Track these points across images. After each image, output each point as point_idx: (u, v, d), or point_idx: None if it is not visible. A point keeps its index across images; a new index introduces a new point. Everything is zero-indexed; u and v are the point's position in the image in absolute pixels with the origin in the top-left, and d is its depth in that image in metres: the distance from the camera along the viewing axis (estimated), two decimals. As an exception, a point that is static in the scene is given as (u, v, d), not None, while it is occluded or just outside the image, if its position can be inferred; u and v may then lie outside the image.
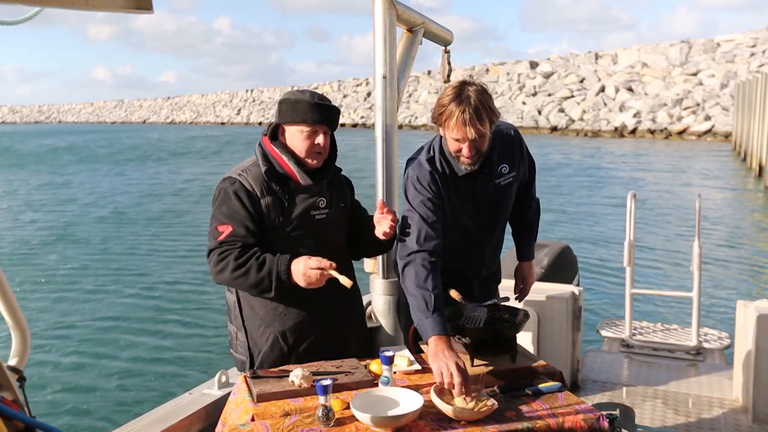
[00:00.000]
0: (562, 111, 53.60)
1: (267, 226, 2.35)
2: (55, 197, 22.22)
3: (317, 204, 2.42)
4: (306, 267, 2.22)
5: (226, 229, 2.32)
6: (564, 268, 5.17)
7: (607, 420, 2.06)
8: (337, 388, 2.13)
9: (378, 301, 3.02)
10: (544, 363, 2.40)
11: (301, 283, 2.24)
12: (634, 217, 4.75)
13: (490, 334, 2.40)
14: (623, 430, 2.73)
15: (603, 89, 53.87)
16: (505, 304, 2.60)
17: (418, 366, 2.36)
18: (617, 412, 2.74)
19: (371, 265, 3.05)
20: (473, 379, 2.12)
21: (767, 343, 3.54)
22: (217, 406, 2.44)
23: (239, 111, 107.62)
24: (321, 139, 2.38)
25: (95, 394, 6.71)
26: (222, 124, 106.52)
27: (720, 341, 4.87)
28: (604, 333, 5.13)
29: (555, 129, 52.06)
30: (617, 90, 52.61)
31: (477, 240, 2.62)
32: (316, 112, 2.35)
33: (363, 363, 2.37)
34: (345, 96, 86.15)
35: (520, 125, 49.71)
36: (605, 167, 27.29)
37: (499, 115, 2.39)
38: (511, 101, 59.21)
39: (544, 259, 5.02)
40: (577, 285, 4.88)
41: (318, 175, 2.44)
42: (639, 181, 21.85)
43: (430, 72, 76.55)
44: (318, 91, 2.46)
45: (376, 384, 2.20)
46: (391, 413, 1.97)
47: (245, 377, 2.25)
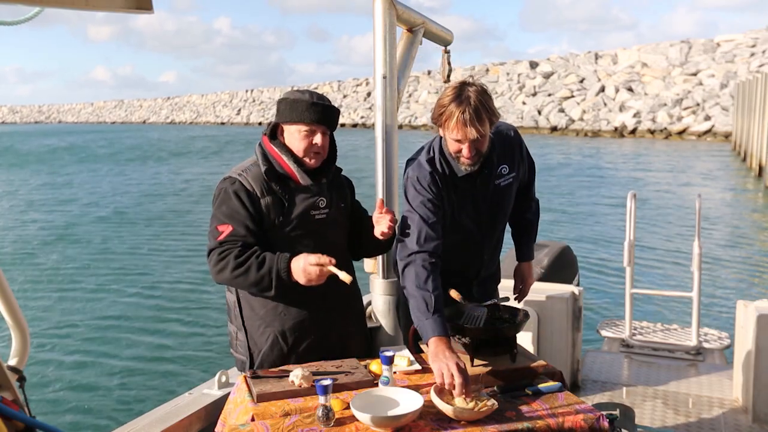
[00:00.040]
0: (562, 111, 53.60)
1: (267, 225, 2.35)
2: (56, 197, 22.22)
3: (317, 204, 2.42)
4: (306, 263, 2.22)
5: (226, 229, 2.32)
6: (564, 268, 5.17)
7: (607, 420, 2.07)
8: (337, 388, 2.13)
9: (378, 301, 3.02)
10: (544, 363, 2.40)
11: (301, 281, 2.23)
12: (634, 217, 4.76)
13: (490, 334, 2.40)
14: (623, 430, 2.73)
15: (603, 89, 53.86)
16: (505, 304, 2.60)
17: (418, 366, 2.36)
18: (617, 412, 2.74)
19: (371, 265, 3.05)
20: (473, 379, 2.12)
21: (767, 343, 3.54)
22: (217, 406, 2.44)
23: (239, 111, 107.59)
24: (319, 139, 2.38)
25: (95, 393, 6.71)
26: (222, 124, 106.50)
27: (720, 341, 4.87)
28: (604, 333, 5.13)
29: (555, 129, 52.05)
30: (617, 90, 52.60)
31: (477, 241, 2.62)
32: (314, 111, 2.35)
33: (363, 363, 2.37)
34: (345, 96, 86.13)
35: (520, 125, 49.70)
36: (605, 167, 27.29)
37: (499, 116, 2.39)
38: (511, 101, 59.19)
39: (544, 259, 5.02)
40: (577, 285, 4.88)
41: (318, 175, 2.44)
42: (639, 181, 21.85)
43: (430, 72, 76.53)
44: (318, 91, 2.45)
45: (376, 384, 2.20)
46: (391, 413, 1.97)
47: (245, 377, 2.25)
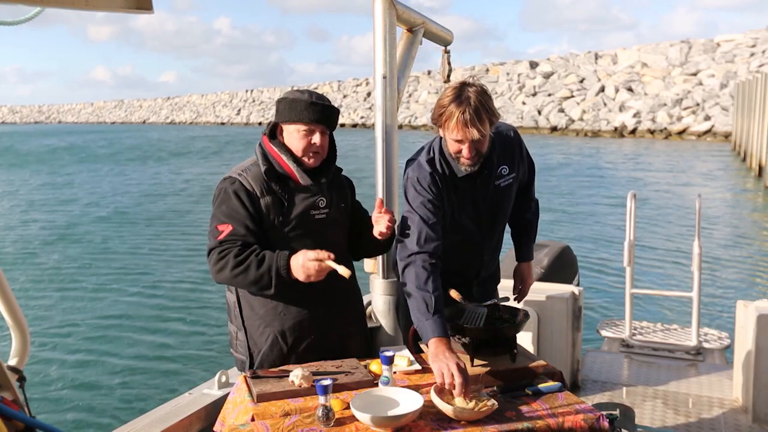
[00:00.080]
0: (562, 111, 53.59)
1: (266, 225, 2.35)
2: (56, 197, 22.22)
3: (317, 204, 2.42)
4: (305, 259, 2.21)
5: (226, 229, 2.32)
6: (564, 268, 5.17)
7: (607, 420, 2.07)
8: (337, 388, 2.13)
9: (378, 301, 3.02)
10: (544, 363, 2.40)
11: (301, 277, 2.23)
12: (634, 217, 4.76)
13: (490, 334, 2.40)
14: (623, 430, 2.73)
15: (603, 89, 53.86)
16: (505, 304, 2.60)
17: (418, 366, 2.36)
18: (617, 412, 2.74)
19: (371, 265, 3.05)
20: (473, 379, 2.12)
21: (767, 343, 3.54)
22: (217, 406, 2.44)
23: (239, 111, 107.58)
24: (318, 139, 2.38)
25: (96, 393, 6.71)
26: (222, 124, 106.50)
27: (720, 341, 4.87)
28: (604, 333, 5.13)
29: (555, 129, 52.04)
30: (617, 90, 52.60)
31: (476, 241, 2.61)
32: (313, 111, 2.35)
33: (363, 363, 2.37)
34: (345, 96, 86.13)
35: (519, 125, 49.70)
36: (605, 167, 27.28)
37: (499, 116, 2.38)
38: (511, 101, 59.19)
39: (544, 259, 5.02)
40: (577, 285, 4.88)
41: (318, 175, 2.44)
42: (639, 181, 21.85)
43: (430, 72, 76.52)
44: (318, 92, 2.45)
45: (376, 384, 2.20)
46: (391, 413, 1.97)
47: (245, 377, 2.25)
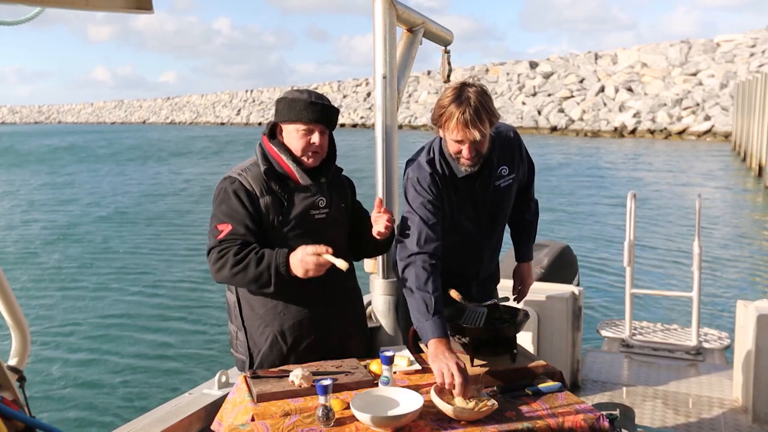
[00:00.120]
0: (561, 111, 53.58)
1: (266, 225, 2.35)
2: (57, 197, 22.23)
3: (317, 203, 2.42)
4: (303, 254, 2.22)
5: (225, 228, 2.33)
6: (564, 268, 5.17)
7: (607, 420, 2.07)
8: (337, 388, 2.13)
9: (378, 301, 3.02)
10: (544, 363, 2.40)
11: (300, 273, 2.23)
12: (634, 217, 4.76)
13: (490, 334, 2.40)
14: (623, 430, 2.73)
15: (603, 89, 53.85)
16: (505, 304, 2.60)
17: (418, 366, 2.36)
18: (617, 412, 2.74)
19: (371, 265, 3.05)
20: (473, 379, 2.12)
21: (767, 343, 3.54)
22: (217, 406, 2.44)
23: (239, 111, 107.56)
24: (317, 138, 2.38)
25: (96, 392, 6.71)
26: (222, 124, 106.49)
27: (720, 341, 4.87)
28: (604, 333, 5.13)
29: (555, 129, 52.03)
30: (617, 90, 52.59)
31: (476, 242, 2.61)
32: (312, 110, 2.35)
33: (363, 363, 2.37)
34: (345, 96, 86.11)
35: (519, 125, 49.71)
36: (605, 167, 27.28)
37: (499, 117, 2.38)
38: (511, 101, 59.18)
39: (544, 259, 5.02)
40: (577, 285, 4.88)
41: (317, 175, 2.44)
42: (639, 181, 21.84)
43: (430, 72, 76.52)
44: (318, 92, 2.45)
45: (376, 384, 2.20)
46: (391, 413, 1.97)
47: (245, 377, 2.25)
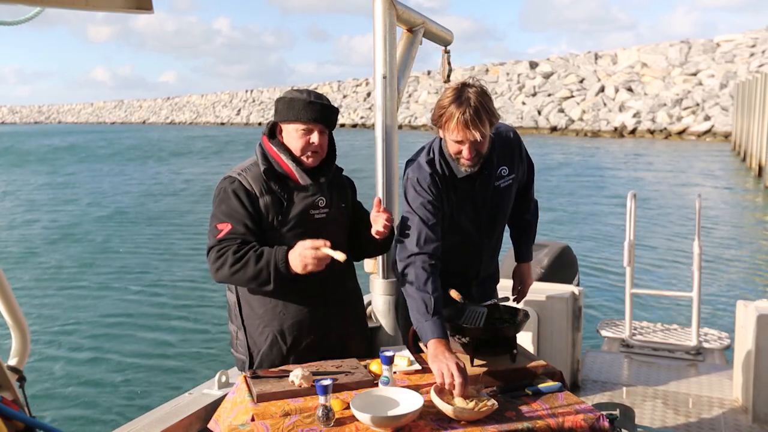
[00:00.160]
0: (561, 111, 53.59)
1: (266, 225, 2.35)
2: (57, 197, 22.24)
3: (316, 203, 2.42)
4: (301, 248, 2.21)
5: (225, 227, 2.32)
6: (564, 268, 5.17)
7: (607, 420, 2.06)
8: (337, 388, 2.13)
9: (378, 301, 3.02)
10: (544, 363, 2.40)
11: (299, 268, 2.22)
12: (634, 217, 4.76)
13: (490, 334, 2.40)
14: (623, 430, 2.73)
15: (603, 89, 53.87)
16: (505, 304, 2.60)
17: (418, 366, 2.36)
18: (617, 412, 2.74)
19: (371, 265, 3.05)
20: (473, 380, 2.12)
21: (767, 343, 3.54)
22: (217, 406, 2.44)
23: (239, 111, 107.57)
24: (316, 138, 2.38)
25: (97, 392, 6.71)
26: (222, 124, 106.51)
27: (720, 341, 4.87)
28: (604, 333, 5.13)
29: (555, 129, 52.04)
30: (617, 90, 52.60)
31: (476, 242, 2.61)
32: (311, 110, 2.35)
33: (363, 363, 2.37)
34: (345, 96, 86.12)
35: (519, 125, 49.73)
36: (605, 167, 27.29)
37: (499, 117, 2.38)
38: (511, 101, 59.18)
39: (544, 259, 5.02)
40: (577, 285, 4.88)
41: (317, 175, 2.44)
42: (639, 181, 21.85)
43: (429, 72, 76.53)
44: (318, 92, 2.45)
45: (376, 384, 2.20)
46: (391, 413, 1.97)
47: (245, 377, 2.25)
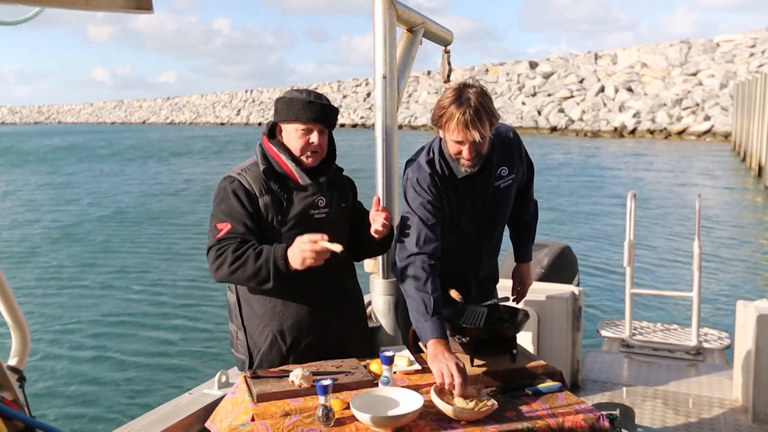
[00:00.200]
0: (561, 111, 53.59)
1: (265, 225, 2.35)
2: (57, 197, 22.24)
3: (316, 203, 2.42)
4: (299, 243, 2.21)
5: (224, 227, 2.33)
6: (564, 268, 5.17)
7: (607, 420, 2.07)
8: (337, 388, 2.13)
9: (378, 301, 3.02)
10: (544, 363, 2.40)
11: (297, 264, 2.21)
12: (634, 217, 4.76)
13: (490, 334, 2.40)
14: (623, 430, 2.73)
15: (602, 89, 53.87)
16: (505, 304, 2.60)
17: (418, 366, 2.36)
18: (617, 412, 2.74)
19: (371, 265, 3.05)
20: (473, 380, 2.12)
21: (767, 343, 3.54)
22: (217, 406, 2.44)
23: (239, 111, 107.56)
24: (316, 138, 2.38)
25: (97, 391, 6.71)
26: (222, 124, 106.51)
27: (720, 341, 4.87)
28: (604, 333, 5.13)
29: (555, 129, 52.04)
30: (617, 90, 52.60)
31: (475, 243, 2.61)
32: (310, 110, 2.35)
33: (363, 363, 2.37)
34: (345, 96, 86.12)
35: (519, 125, 49.73)
36: (605, 167, 27.29)
37: (499, 117, 2.38)
38: (511, 101, 59.18)
39: (544, 259, 5.02)
40: (577, 285, 4.88)
41: (317, 175, 2.44)
42: (639, 181, 21.86)
43: (429, 72, 76.53)
44: (318, 92, 2.45)
45: (376, 384, 2.20)
46: (391, 413, 1.97)
47: (245, 377, 2.25)
